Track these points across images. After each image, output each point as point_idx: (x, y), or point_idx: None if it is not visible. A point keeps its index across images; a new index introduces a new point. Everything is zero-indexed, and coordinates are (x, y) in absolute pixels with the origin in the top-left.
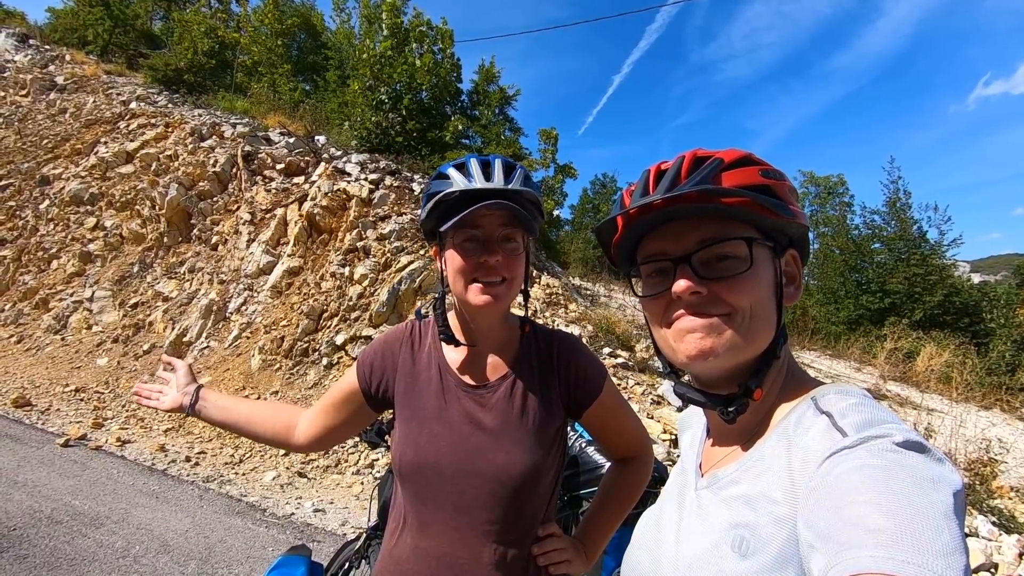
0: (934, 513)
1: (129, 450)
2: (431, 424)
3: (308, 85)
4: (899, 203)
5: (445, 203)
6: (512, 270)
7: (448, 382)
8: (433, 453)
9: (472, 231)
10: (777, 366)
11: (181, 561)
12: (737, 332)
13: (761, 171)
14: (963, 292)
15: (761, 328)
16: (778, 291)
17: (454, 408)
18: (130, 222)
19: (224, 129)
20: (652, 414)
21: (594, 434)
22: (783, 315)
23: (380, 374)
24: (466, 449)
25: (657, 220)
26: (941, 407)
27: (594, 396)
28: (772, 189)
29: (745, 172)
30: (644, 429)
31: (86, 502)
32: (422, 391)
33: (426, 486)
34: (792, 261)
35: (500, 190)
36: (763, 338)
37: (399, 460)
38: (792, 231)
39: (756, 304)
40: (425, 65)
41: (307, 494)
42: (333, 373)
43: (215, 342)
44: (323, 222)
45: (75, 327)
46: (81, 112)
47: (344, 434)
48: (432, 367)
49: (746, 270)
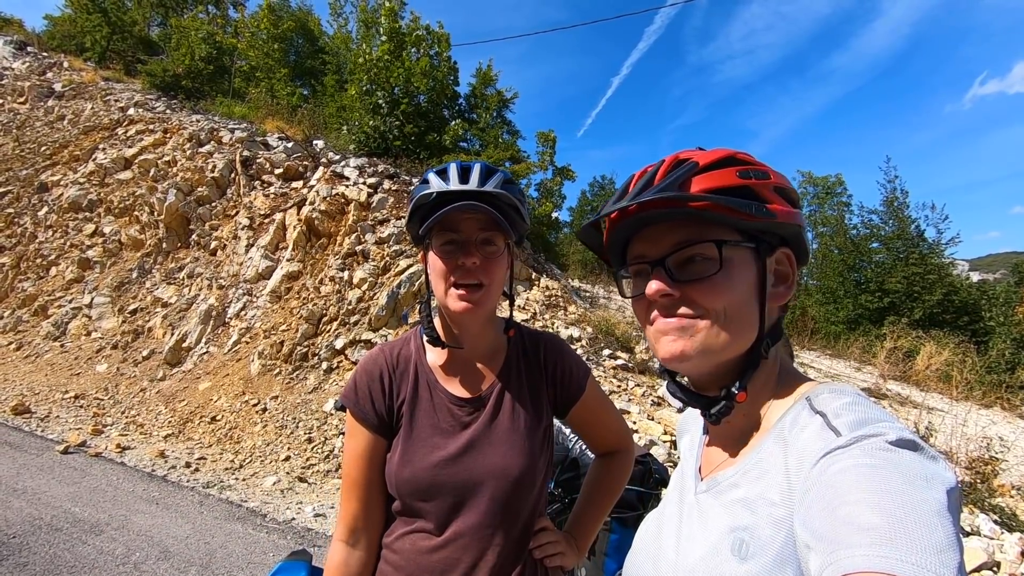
0: (927, 510)
1: (129, 456)
2: (424, 442)
3: (306, 90)
4: (896, 202)
5: (424, 206)
6: (490, 274)
7: (439, 399)
8: (430, 470)
9: (451, 234)
10: (767, 367)
11: (182, 567)
12: (709, 334)
13: (739, 172)
14: (962, 291)
15: (738, 330)
16: (761, 292)
17: (446, 423)
18: (129, 228)
19: (222, 134)
20: (653, 415)
21: (578, 430)
22: (765, 316)
23: (374, 399)
24: (463, 461)
25: (635, 224)
26: (941, 406)
27: (579, 394)
28: (750, 189)
29: (721, 174)
30: (625, 423)
31: (86, 509)
32: (413, 409)
33: (425, 501)
34: (786, 260)
35: (474, 192)
36: (742, 340)
37: (395, 480)
38: (782, 230)
39: (731, 306)
40: (422, 69)
41: (308, 499)
42: (333, 377)
43: (214, 347)
44: (322, 226)
45: (74, 333)
46: (79, 119)
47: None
48: (421, 384)
49: (716, 272)
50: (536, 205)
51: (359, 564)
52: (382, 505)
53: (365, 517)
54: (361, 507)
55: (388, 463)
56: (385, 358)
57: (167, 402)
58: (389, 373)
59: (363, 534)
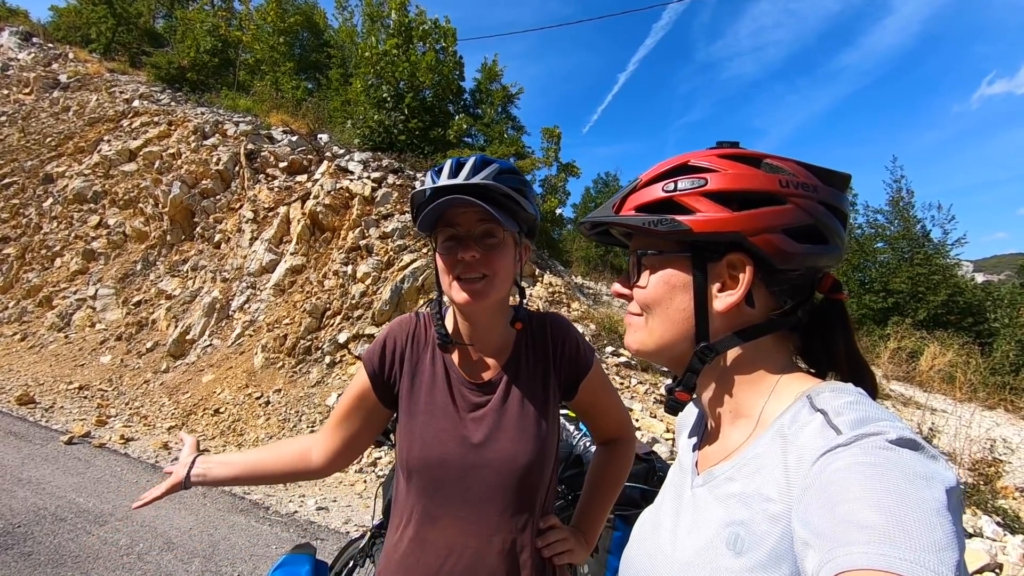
0: (927, 509)
1: (133, 448)
2: (438, 419)
3: (311, 83)
4: (902, 202)
5: (421, 203)
6: (492, 265)
7: (453, 377)
8: (440, 448)
9: (451, 230)
10: (717, 368)
11: (185, 559)
12: (642, 331)
13: (664, 186)
14: (967, 292)
15: (661, 328)
16: (698, 296)
17: (460, 403)
18: (133, 220)
19: (227, 127)
20: (655, 413)
21: (583, 414)
22: (708, 319)
23: (389, 364)
24: (473, 443)
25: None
26: (945, 407)
27: (585, 371)
28: (671, 202)
29: (649, 190)
30: (627, 412)
31: (90, 499)
32: (427, 386)
33: (434, 480)
34: (740, 264)
35: (463, 185)
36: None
37: (406, 455)
38: (718, 237)
39: (653, 306)
40: (428, 63)
41: (310, 492)
42: (336, 371)
43: (218, 340)
44: (326, 220)
45: (79, 325)
46: (84, 110)
47: (362, 442)
48: (437, 363)
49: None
50: (540, 201)
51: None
52: (352, 447)
53: (339, 444)
54: (338, 437)
55: (399, 439)
56: (413, 326)
57: (170, 394)
58: (414, 338)
59: (329, 450)
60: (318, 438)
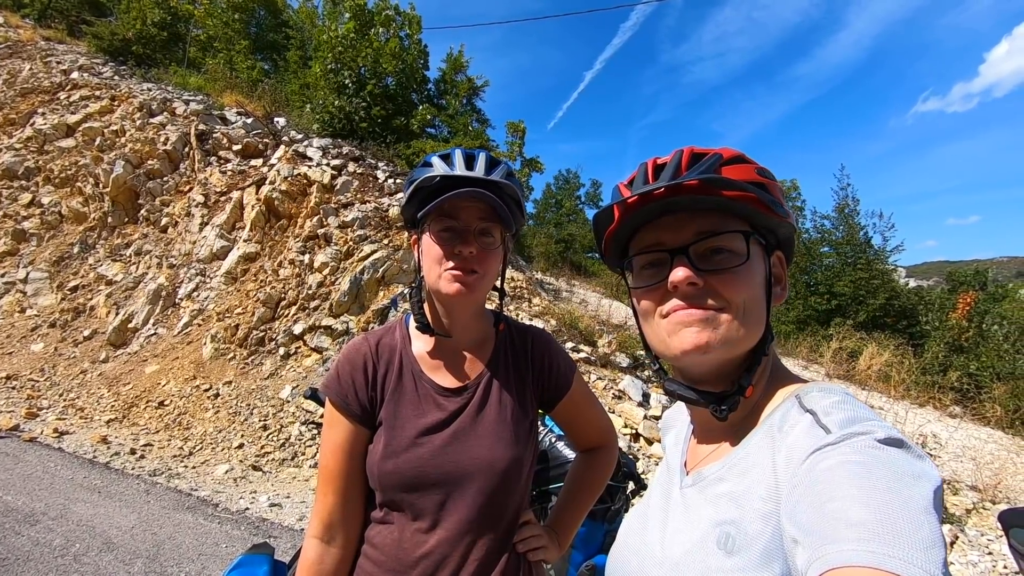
0: (915, 507)
1: (67, 442)
2: (409, 433)
3: (267, 64)
4: (848, 209)
5: (425, 189)
6: (485, 264)
7: (423, 389)
8: (415, 461)
9: (450, 221)
10: (765, 363)
11: (127, 560)
12: (731, 327)
13: (756, 169)
14: (902, 296)
15: (753, 324)
16: (768, 289)
17: (432, 414)
18: (70, 200)
19: (176, 105)
20: (614, 408)
21: (564, 426)
22: (769, 313)
23: (357, 388)
24: (448, 453)
25: (655, 211)
26: (881, 404)
27: (565, 389)
28: (767, 187)
29: (743, 169)
30: (610, 420)
31: (19, 497)
32: (396, 399)
33: (408, 493)
34: (779, 262)
35: (480, 179)
36: (754, 334)
37: (378, 471)
38: (782, 231)
39: (749, 300)
40: (391, 50)
41: (262, 488)
42: (290, 363)
43: (163, 329)
44: (282, 207)
45: (6, 310)
46: (15, 80)
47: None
48: (406, 375)
49: (741, 264)
50: None
51: (335, 562)
52: (361, 500)
53: (342, 512)
54: (339, 501)
55: (370, 455)
56: (369, 347)
57: (110, 385)
58: (373, 362)
59: (339, 530)
60: (315, 524)
